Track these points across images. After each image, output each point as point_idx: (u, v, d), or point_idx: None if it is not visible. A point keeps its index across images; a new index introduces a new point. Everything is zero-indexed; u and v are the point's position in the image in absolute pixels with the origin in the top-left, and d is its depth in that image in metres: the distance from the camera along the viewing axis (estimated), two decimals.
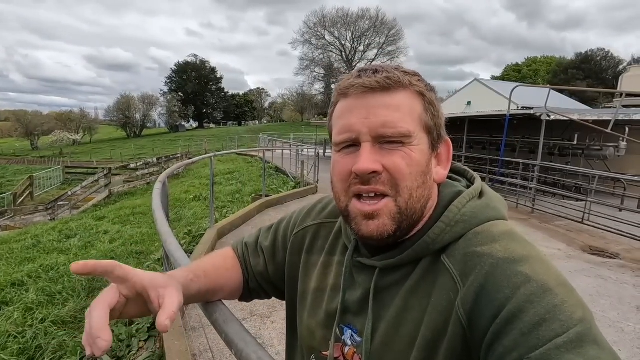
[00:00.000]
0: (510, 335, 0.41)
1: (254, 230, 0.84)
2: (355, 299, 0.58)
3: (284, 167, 11.73)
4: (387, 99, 0.50)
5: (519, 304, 0.42)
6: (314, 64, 53.81)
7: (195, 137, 40.79)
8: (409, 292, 0.52)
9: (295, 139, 23.29)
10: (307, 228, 0.71)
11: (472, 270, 0.47)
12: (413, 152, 0.51)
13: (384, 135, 0.50)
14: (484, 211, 0.54)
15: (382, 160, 0.50)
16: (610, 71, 35.25)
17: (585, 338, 0.39)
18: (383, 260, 0.55)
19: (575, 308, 0.41)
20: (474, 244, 0.49)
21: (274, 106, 76.29)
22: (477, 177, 0.61)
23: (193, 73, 60.36)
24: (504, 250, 0.47)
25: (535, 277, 0.43)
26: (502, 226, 0.52)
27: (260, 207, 6.60)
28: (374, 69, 0.52)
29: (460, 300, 0.46)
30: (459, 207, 0.53)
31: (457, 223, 0.52)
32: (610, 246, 5.52)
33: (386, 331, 0.53)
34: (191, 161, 5.63)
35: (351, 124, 0.51)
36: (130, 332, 2.73)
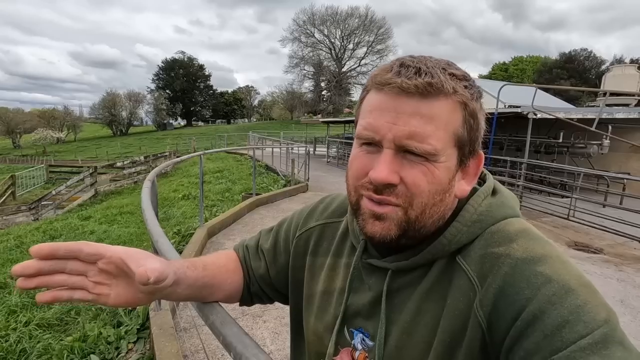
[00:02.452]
0: (532, 338, 0.40)
1: (245, 229, 0.81)
2: (366, 302, 0.56)
3: (274, 166, 11.67)
4: (422, 107, 0.45)
5: (540, 305, 0.40)
6: (304, 62, 53.71)
7: (184, 135, 40.25)
8: (423, 295, 0.51)
9: (285, 137, 23.20)
10: (311, 229, 0.69)
11: (490, 271, 0.45)
12: (437, 169, 0.46)
13: (407, 148, 0.46)
14: (499, 209, 0.52)
15: (402, 172, 0.46)
16: (593, 71, 36.11)
17: (611, 339, 0.37)
18: (396, 262, 0.53)
19: (598, 309, 0.40)
20: (490, 244, 0.48)
21: (263, 104, 75.83)
22: (489, 174, 0.58)
23: (181, 70, 59.52)
24: (523, 250, 0.45)
25: (556, 277, 0.42)
26: (517, 224, 0.50)
27: (250, 205, 6.55)
28: (417, 67, 0.46)
29: (479, 302, 0.45)
30: (474, 206, 0.51)
31: (473, 223, 0.50)
32: (594, 241, 5.66)
33: (400, 335, 0.51)
34: (180, 159, 5.54)
35: (378, 125, 0.47)
36: (118, 333, 2.68)
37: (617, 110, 10.04)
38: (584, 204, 6.71)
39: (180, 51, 64.34)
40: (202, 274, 0.62)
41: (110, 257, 0.51)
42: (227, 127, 54.01)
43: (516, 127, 10.61)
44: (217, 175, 12.02)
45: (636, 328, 3.06)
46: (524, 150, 8.32)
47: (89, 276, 0.51)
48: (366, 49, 52.56)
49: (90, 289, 0.52)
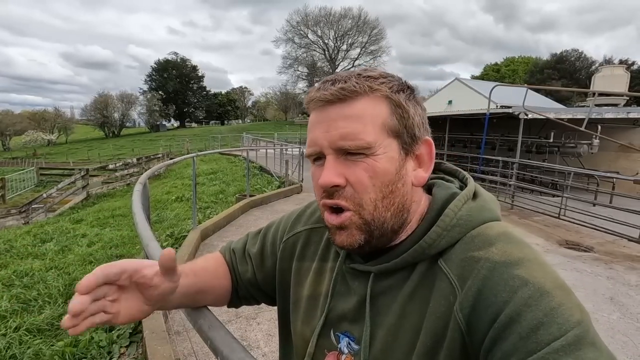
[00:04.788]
0: (509, 340, 0.41)
1: (239, 231, 0.82)
2: (351, 306, 0.57)
3: (268, 167, 11.64)
4: (345, 110, 0.49)
5: (517, 308, 0.42)
6: (297, 63, 53.69)
7: (177, 136, 39.98)
8: (406, 298, 0.52)
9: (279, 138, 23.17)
10: (298, 234, 0.70)
11: (469, 274, 0.47)
12: (377, 162, 0.49)
13: (343, 148, 0.49)
14: (479, 213, 0.53)
15: (346, 173, 0.50)
16: (584, 71, 36.58)
17: (583, 340, 0.39)
18: (377, 265, 0.54)
19: (572, 310, 0.41)
20: (470, 248, 0.49)
21: (257, 105, 75.67)
22: (470, 178, 0.59)
23: (174, 71, 59.12)
24: (501, 254, 0.47)
25: (533, 280, 0.43)
26: (497, 228, 0.51)
27: (244, 207, 6.53)
28: (333, 79, 0.51)
29: (459, 304, 0.46)
30: (454, 210, 0.52)
31: (453, 227, 0.51)
32: (585, 240, 5.73)
33: (385, 338, 0.52)
34: (173, 161, 5.50)
35: (315, 137, 0.51)
36: (110, 338, 2.66)
37: (606, 111, 10.19)
38: (574, 203, 6.80)
39: (173, 52, 64.06)
40: (194, 280, 0.63)
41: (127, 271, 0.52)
42: (220, 128, 53.74)
43: (508, 127, 10.72)
44: (211, 176, 11.96)
45: (625, 325, 3.10)
46: (516, 150, 8.41)
47: (107, 296, 0.52)
48: (360, 50, 52.70)
49: (108, 310, 0.52)
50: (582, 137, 9.36)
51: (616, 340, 2.86)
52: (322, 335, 0.59)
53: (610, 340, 2.85)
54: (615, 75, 16.23)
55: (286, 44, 53.61)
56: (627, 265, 4.66)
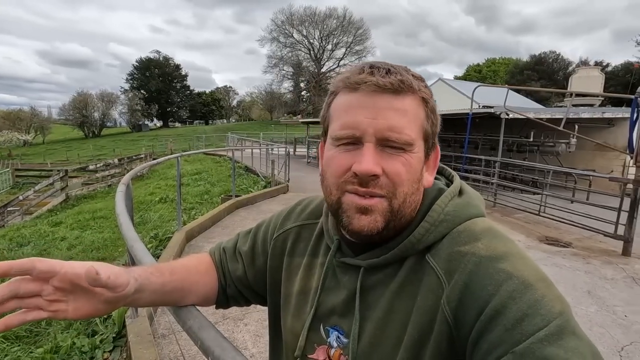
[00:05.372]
0: (495, 332, 0.42)
1: (225, 232, 0.81)
2: (340, 300, 0.57)
3: (253, 167, 11.56)
4: (396, 102, 0.49)
5: (502, 300, 0.43)
6: (283, 62, 53.51)
7: (160, 136, 39.23)
8: (395, 292, 0.52)
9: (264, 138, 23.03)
10: (288, 230, 0.70)
11: (456, 268, 0.48)
12: (412, 159, 0.50)
13: (389, 139, 0.49)
14: (465, 209, 0.54)
15: (383, 164, 0.49)
16: (561, 72, 37.74)
17: (565, 330, 0.40)
18: (368, 260, 0.55)
19: (554, 302, 0.43)
20: (457, 243, 0.50)
21: (242, 105, 74.99)
22: (456, 175, 0.61)
23: (156, 70, 57.96)
24: (486, 248, 0.48)
25: (517, 273, 0.45)
26: (482, 223, 0.53)
27: (230, 207, 6.47)
28: (386, 68, 0.50)
29: (446, 298, 0.47)
30: (442, 206, 0.54)
31: (440, 222, 0.53)
32: (564, 236, 5.92)
33: (373, 332, 0.53)
34: (156, 162, 5.39)
35: (358, 121, 0.49)
36: (93, 343, 2.59)
37: (583, 111, 10.54)
38: (554, 200, 7.01)
39: (155, 50, 62.46)
40: (169, 278, 0.62)
41: (65, 274, 0.49)
42: (205, 128, 53.00)
43: (490, 126, 10.95)
44: (196, 177, 11.79)
45: (602, 317, 3.22)
46: (498, 149, 8.61)
47: (43, 295, 0.49)
48: (345, 50, 52.95)
49: (45, 308, 0.50)
50: (561, 137, 9.66)
51: (594, 332, 2.96)
52: (312, 329, 0.59)
53: (588, 333, 2.93)
54: (590, 76, 16.82)
55: (271, 43, 53.41)
56: (604, 260, 4.84)
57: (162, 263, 0.68)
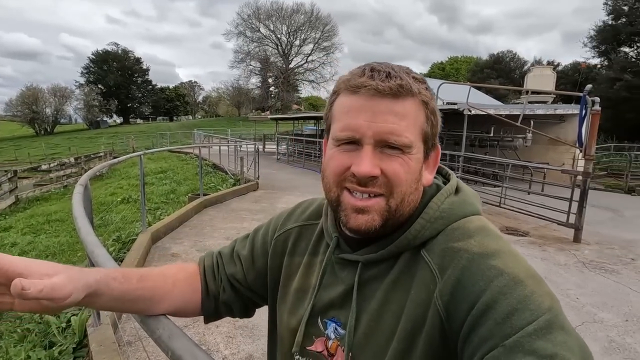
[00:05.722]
0: (486, 326, 0.43)
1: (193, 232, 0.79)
2: (338, 294, 0.59)
3: (222, 164, 11.29)
4: (395, 106, 0.51)
5: (493, 295, 0.44)
6: (250, 57, 52.57)
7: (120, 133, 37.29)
8: (390, 285, 0.54)
9: (232, 135, 22.54)
10: (289, 230, 0.71)
11: (449, 264, 0.49)
12: (411, 160, 0.52)
13: (387, 142, 0.50)
14: (460, 207, 0.56)
15: (382, 165, 0.51)
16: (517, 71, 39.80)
17: (553, 325, 0.41)
18: (365, 255, 0.57)
19: (543, 298, 0.44)
20: (451, 239, 0.52)
21: (208, 100, 72.83)
22: (452, 174, 0.63)
23: (115, 63, 54.93)
24: (479, 245, 0.50)
25: (507, 270, 0.46)
26: (477, 222, 0.55)
27: (198, 206, 6.28)
28: (387, 71, 0.51)
29: (439, 292, 0.48)
30: (438, 203, 0.55)
31: (436, 219, 0.54)
32: (522, 225, 6.28)
33: (368, 323, 0.55)
34: (117, 160, 5.12)
35: (357, 124, 0.51)
36: (51, 355, 2.42)
37: (538, 107, 11.20)
38: (512, 192, 7.41)
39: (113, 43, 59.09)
40: (135, 286, 0.60)
41: (5, 271, 0.45)
42: (169, 124, 51.02)
43: (453, 122, 11.35)
44: (160, 176, 11.35)
45: None
46: (461, 144, 8.96)
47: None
48: (313, 46, 52.89)
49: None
50: (518, 132, 10.21)
51: None
52: (310, 323, 0.61)
53: None
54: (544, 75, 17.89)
55: (237, 37, 52.29)
56: (557, 247, 5.19)
57: (133, 269, 0.65)
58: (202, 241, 4.72)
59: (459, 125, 10.71)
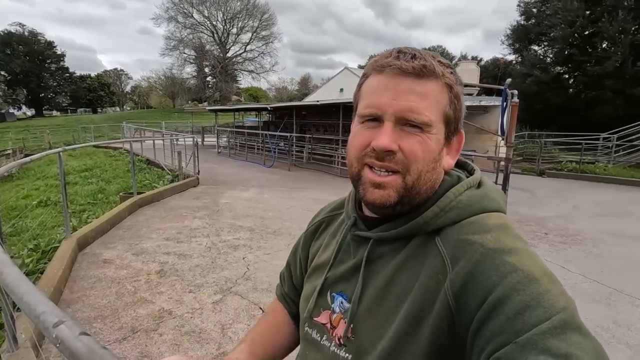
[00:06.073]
0: (496, 320, 0.42)
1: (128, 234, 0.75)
2: (348, 268, 0.62)
3: (157, 159, 10.54)
4: (418, 86, 0.52)
5: (505, 291, 0.43)
6: (183, 45, 49.32)
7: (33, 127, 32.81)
8: (398, 265, 0.55)
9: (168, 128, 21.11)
10: (319, 221, 0.77)
11: (462, 255, 0.49)
12: (430, 139, 0.53)
13: (407, 119, 0.52)
14: (480, 201, 0.56)
15: (400, 141, 0.53)
16: None
17: (568, 325, 0.40)
18: (378, 233, 0.59)
19: (558, 297, 0.43)
20: (467, 232, 0.52)
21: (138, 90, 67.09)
22: (477, 169, 0.63)
23: (20, 47, 47.78)
24: (495, 241, 0.49)
25: (522, 267, 0.45)
26: (496, 218, 0.54)
27: (132, 206, 5.79)
28: (412, 53, 0.53)
29: (450, 282, 0.48)
30: (455, 194, 0.56)
31: (451, 209, 0.54)
32: None
33: (372, 299, 0.56)
34: (29, 159, 4.46)
35: (380, 102, 0.53)
36: None
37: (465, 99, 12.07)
38: None
39: (17, 23, 50.96)
40: (264, 354, 0.71)
41: None
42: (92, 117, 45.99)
43: None
44: (85, 174, 10.27)
45: None
46: None
47: None
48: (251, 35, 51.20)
49: None
50: None
51: None
52: (321, 294, 0.65)
53: None
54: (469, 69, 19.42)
55: (168, 23, 48.66)
56: None
57: (249, 337, 0.74)
58: (139, 244, 4.36)
59: None
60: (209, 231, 4.95)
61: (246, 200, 6.99)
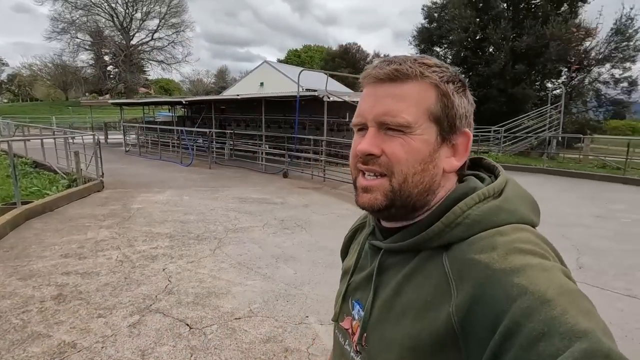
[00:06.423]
0: (511, 353, 0.39)
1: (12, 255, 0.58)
2: (364, 276, 0.64)
3: (48, 162, 9.00)
4: (393, 89, 0.53)
5: (516, 318, 0.40)
6: (75, 28, 42.85)
7: None
8: (404, 277, 0.55)
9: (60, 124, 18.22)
10: (356, 226, 0.79)
11: (467, 276, 0.46)
12: (413, 140, 0.53)
13: (385, 123, 0.53)
14: (493, 214, 0.51)
15: (382, 145, 0.54)
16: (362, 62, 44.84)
17: (593, 354, 0.35)
18: (387, 243, 0.59)
19: (577, 318, 0.38)
20: (473, 250, 0.48)
21: (17, 79, 56.49)
22: (502, 173, 0.58)
23: None
24: (501, 260, 0.45)
25: (532, 287, 0.41)
26: (510, 232, 0.49)
27: (15, 219, 4.82)
28: (389, 60, 0.55)
29: (455, 307, 0.46)
30: (463, 208, 0.52)
31: (457, 225, 0.51)
32: None
33: (381, 310, 0.57)
34: None
35: (362, 110, 0.56)
36: None
37: None
38: None
39: None
40: None
41: None
42: None
43: (314, 108, 11.98)
44: None
45: None
46: (322, 129, 9.52)
47: None
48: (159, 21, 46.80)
49: None
50: None
51: None
52: (345, 299, 0.67)
53: None
54: None
55: (54, 1, 41.81)
56: None
57: None
58: (27, 265, 3.63)
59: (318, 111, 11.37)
60: (120, 242, 4.37)
61: (163, 203, 6.36)
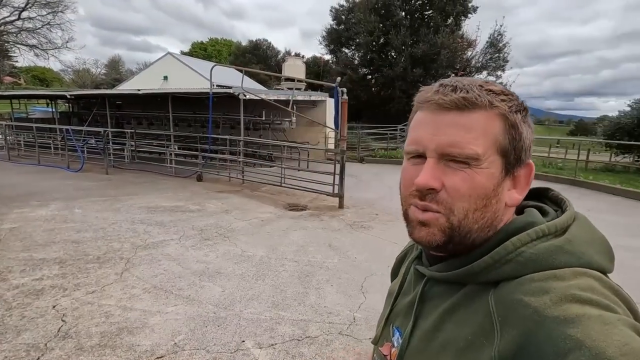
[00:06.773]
0: None
1: None
2: (407, 302, 0.62)
3: None
4: (460, 119, 0.50)
5: None
6: None
7: None
8: (446, 311, 0.52)
9: None
10: (403, 251, 0.77)
11: (513, 321, 0.43)
12: (478, 174, 0.50)
13: (450, 154, 0.50)
14: (552, 254, 0.46)
15: (443, 178, 0.50)
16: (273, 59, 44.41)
17: None
18: (432, 271, 0.57)
19: None
20: (524, 291, 0.44)
21: None
22: (569, 211, 0.52)
23: None
24: (554, 306, 0.40)
25: (589, 342, 0.36)
26: (571, 276, 0.43)
27: None
28: (453, 85, 0.51)
29: (498, 352, 0.42)
30: (516, 244, 0.48)
31: (507, 262, 0.47)
32: (300, 200, 7.09)
33: (419, 342, 0.55)
34: None
35: (420, 137, 0.53)
36: None
37: (298, 94, 12.84)
38: (289, 171, 8.22)
39: None
40: None
41: None
42: None
43: (227, 106, 11.36)
44: None
45: (344, 265, 4.04)
46: (239, 128, 9.06)
47: None
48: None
49: None
50: (285, 115, 11.38)
51: (343, 279, 3.66)
52: (386, 324, 0.66)
53: (338, 281, 3.62)
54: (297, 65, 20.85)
55: None
56: (330, 215, 6.17)
57: None
58: None
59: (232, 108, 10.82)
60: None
61: (47, 220, 5.25)
